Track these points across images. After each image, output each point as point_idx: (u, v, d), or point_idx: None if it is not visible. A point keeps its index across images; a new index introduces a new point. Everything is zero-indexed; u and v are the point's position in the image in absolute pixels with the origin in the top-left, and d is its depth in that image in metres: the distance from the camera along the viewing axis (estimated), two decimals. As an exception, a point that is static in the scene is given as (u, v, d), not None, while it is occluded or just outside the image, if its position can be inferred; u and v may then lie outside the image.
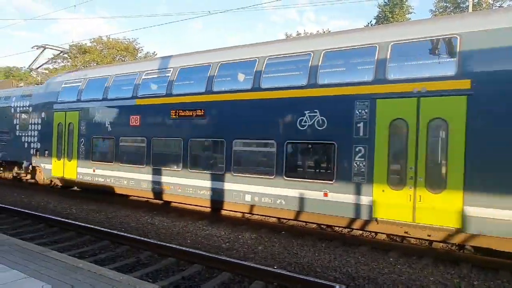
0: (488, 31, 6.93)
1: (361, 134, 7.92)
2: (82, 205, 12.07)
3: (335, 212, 8.24)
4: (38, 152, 14.84)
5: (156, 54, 44.59)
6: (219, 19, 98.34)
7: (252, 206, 9.51)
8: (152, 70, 11.89)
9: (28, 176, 15.98)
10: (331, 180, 8.27)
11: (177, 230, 9.17)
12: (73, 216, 10.51)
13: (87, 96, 13.30)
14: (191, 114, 10.45)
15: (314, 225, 9.52)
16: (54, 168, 14.21)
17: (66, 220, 9.11)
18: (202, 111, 10.24)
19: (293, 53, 9.19)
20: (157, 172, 11.23)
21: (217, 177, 9.94)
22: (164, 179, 11.05)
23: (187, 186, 10.50)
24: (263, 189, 9.16)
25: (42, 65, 18.66)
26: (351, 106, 8.02)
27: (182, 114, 10.61)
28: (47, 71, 36.39)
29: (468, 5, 23.36)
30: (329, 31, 34.40)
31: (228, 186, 9.73)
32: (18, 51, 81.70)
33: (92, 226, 8.55)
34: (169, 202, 11.78)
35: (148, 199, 12.28)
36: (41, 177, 15.13)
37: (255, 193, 9.29)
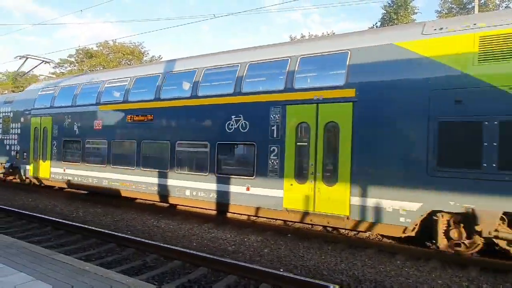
0: (368, 48, 8.28)
1: (275, 135, 9.13)
2: (89, 208, 12.14)
3: (255, 204, 9.47)
4: (18, 154, 16.13)
5: (161, 58, 44.86)
6: (225, 22, 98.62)
7: (190, 200, 10.68)
8: (113, 79, 13.19)
9: (11, 176, 17.26)
10: (252, 176, 9.43)
11: (183, 233, 9.17)
12: (80, 219, 10.57)
13: (59, 102, 14.66)
14: (143, 119, 11.72)
15: (320, 228, 9.48)
16: (31, 168, 15.53)
17: (73, 223, 9.16)
18: (152, 116, 11.49)
19: (225, 65, 10.48)
20: (116, 171, 12.43)
21: (164, 175, 11.14)
22: (122, 177, 12.24)
23: (141, 183, 11.72)
24: (199, 185, 10.34)
25: (26, 73, 20.06)
26: (267, 111, 9.23)
27: (136, 119, 11.89)
28: (54, 76, 36.77)
29: (474, 6, 23.23)
30: (333, 33, 34.37)
31: (172, 182, 10.95)
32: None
33: (98, 229, 8.58)
34: (175, 206, 11.84)
35: (154, 202, 12.32)
36: (22, 177, 16.26)
37: (193, 188, 10.47)
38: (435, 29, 7.73)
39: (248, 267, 6.13)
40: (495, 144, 6.63)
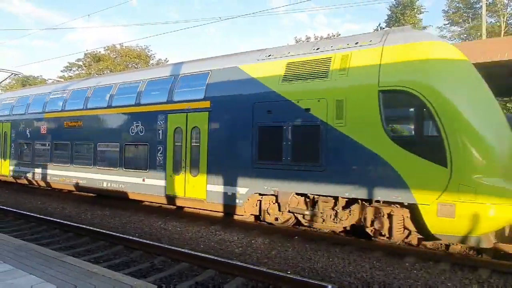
0: (222, 69, 10.59)
1: (160, 138, 11.45)
2: (97, 211, 12.22)
3: (149, 192, 11.76)
4: None
5: (168, 61, 45.12)
6: (231, 24, 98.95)
7: (107, 190, 13.08)
8: (56, 91, 15.92)
9: None
10: (146, 170, 11.77)
11: (190, 235, 9.19)
12: (88, 221, 10.65)
13: (16, 110, 17.36)
14: (75, 124, 14.18)
15: (328, 230, 9.44)
16: None
17: (81, 226, 9.23)
18: (81, 122, 13.95)
19: (131, 81, 13.04)
20: (55, 168, 14.88)
21: (88, 170, 13.54)
22: (59, 173, 14.68)
23: (72, 177, 14.15)
24: (113, 178, 12.76)
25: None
26: (156, 119, 11.57)
27: (70, 124, 14.39)
28: (62, 80, 37.15)
29: (482, 5, 23.01)
30: (339, 35, 34.27)
31: (94, 176, 13.32)
32: (35, 60, 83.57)
33: (107, 232, 8.64)
34: (182, 208, 11.89)
35: (161, 205, 12.38)
36: None
37: (108, 181, 12.88)
38: (265, 56, 9.95)
39: (256, 269, 6.12)
40: (289, 143, 8.94)
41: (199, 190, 10.48)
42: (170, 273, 6.26)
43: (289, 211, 9.12)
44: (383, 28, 33.15)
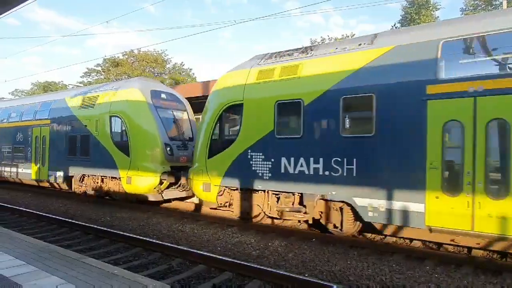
0: (60, 100, 17.08)
1: (28, 142, 17.93)
2: (116, 213, 12.43)
3: (22, 177, 18.62)
4: None
5: (183, 65, 45.62)
6: (246, 28, 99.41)
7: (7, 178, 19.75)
8: None
9: None
10: (25, 162, 18.12)
11: (207, 237, 9.24)
12: (107, 223, 10.83)
13: None
14: None
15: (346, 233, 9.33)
16: None
17: (101, 228, 9.40)
18: None
19: (16, 105, 20.07)
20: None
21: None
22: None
23: None
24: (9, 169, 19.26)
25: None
26: (27, 131, 18.12)
27: None
28: (82, 85, 38.01)
29: (502, 2, 22.41)
30: (353, 35, 33.91)
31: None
32: (57, 67, 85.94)
33: (126, 234, 8.77)
34: (198, 210, 11.96)
35: (178, 207, 12.49)
36: None
37: (9, 171, 19.27)
38: (75, 93, 16.54)
39: (273, 272, 6.10)
40: (78, 144, 15.30)
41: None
42: (188, 275, 6.31)
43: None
44: (397, 28, 32.70)
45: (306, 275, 6.46)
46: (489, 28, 7.16)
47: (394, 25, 34.47)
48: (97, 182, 14.55)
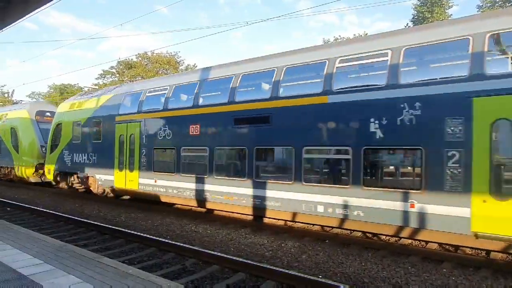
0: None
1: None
2: (131, 213, 12.57)
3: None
4: None
5: (196, 66, 45.90)
6: (258, 28, 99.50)
7: None
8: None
9: None
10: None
11: (221, 238, 9.26)
12: (123, 223, 10.97)
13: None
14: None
15: (360, 233, 9.24)
16: None
17: (116, 228, 9.52)
18: None
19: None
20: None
21: None
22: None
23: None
24: None
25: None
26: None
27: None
28: (97, 87, 38.59)
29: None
30: (366, 34, 33.57)
31: None
32: (73, 69, 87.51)
33: (140, 234, 8.86)
34: (212, 211, 12.01)
35: (192, 208, 12.56)
36: None
37: None
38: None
39: (287, 273, 6.07)
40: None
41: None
42: (202, 276, 6.33)
43: None
44: (410, 27, 32.21)
45: (320, 276, 6.41)
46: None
47: (407, 24, 33.97)
48: (6, 171, 22.59)
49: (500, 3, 32.88)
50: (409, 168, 8.10)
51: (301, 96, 9.16)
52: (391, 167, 8.31)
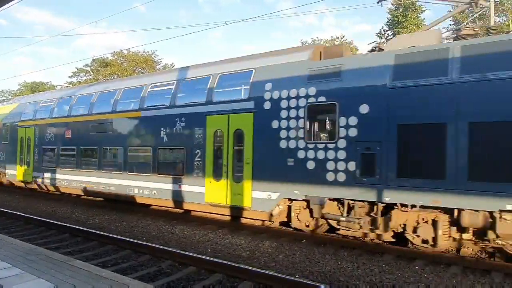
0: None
1: None
2: (105, 215, 12.28)
3: None
4: None
5: (174, 66, 45.38)
6: (238, 28, 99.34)
7: None
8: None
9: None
10: None
11: (197, 238, 9.19)
12: (97, 226, 10.70)
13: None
14: None
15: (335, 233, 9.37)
16: None
17: (89, 230, 9.27)
18: None
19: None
20: None
21: None
22: None
23: None
24: None
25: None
26: None
27: None
28: (70, 85, 37.56)
29: (490, 5, 22.76)
30: (343, 37, 34.14)
31: None
32: (45, 67, 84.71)
33: (114, 236, 8.67)
34: (189, 212, 11.91)
35: (168, 209, 12.41)
36: None
37: None
38: None
39: (264, 273, 6.08)
40: None
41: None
42: (178, 277, 6.25)
43: None
44: (386, 31, 33.01)
45: (297, 276, 6.45)
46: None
47: (382, 28, 34.76)
48: None
49: (469, 9, 34.15)
50: (178, 161, 11.53)
51: (127, 111, 12.99)
52: (171, 161, 11.95)
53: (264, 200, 9.44)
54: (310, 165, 8.77)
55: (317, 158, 8.69)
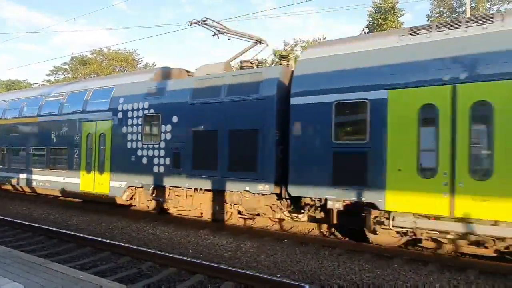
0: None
1: None
2: (83, 216, 12.01)
3: None
4: None
5: (155, 65, 44.84)
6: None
7: None
8: None
9: None
10: None
11: (179, 239, 9.10)
12: (74, 227, 10.45)
13: None
14: None
15: (317, 232, 9.46)
16: None
17: (66, 232, 9.05)
18: None
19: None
20: None
21: None
22: None
23: None
24: None
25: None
26: None
27: None
28: (48, 83, 36.60)
29: (466, 9, 23.47)
30: (325, 38, 34.51)
31: None
32: (21, 64, 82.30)
33: (92, 237, 8.49)
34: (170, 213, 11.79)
35: (149, 210, 12.24)
36: None
37: None
38: None
39: (245, 273, 6.08)
40: None
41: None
42: (158, 279, 6.17)
43: None
44: (367, 33, 33.54)
45: (279, 276, 6.48)
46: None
47: (363, 29, 35.31)
48: None
49: (447, 13, 35.13)
50: (63, 158, 13.73)
51: (30, 116, 15.39)
52: (58, 158, 14.02)
53: (117, 187, 12.05)
54: (144, 160, 11.38)
55: (148, 155, 11.31)
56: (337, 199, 8.16)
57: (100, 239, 8.31)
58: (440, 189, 7.03)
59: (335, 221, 8.42)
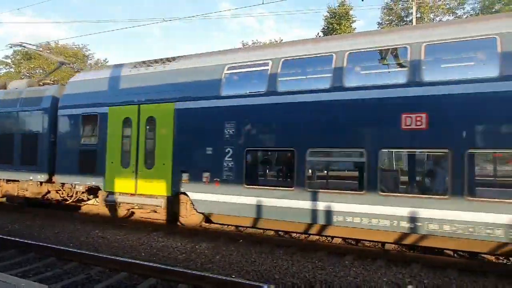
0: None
1: None
2: (26, 221, 11.23)
3: None
4: None
5: (107, 61, 43.10)
6: (176, 26, 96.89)
7: None
8: None
9: None
10: None
11: (131, 243, 8.79)
12: (16, 232, 9.73)
13: None
14: None
15: (272, 232, 9.57)
16: None
17: (5, 237, 8.41)
18: None
19: None
20: None
21: None
22: None
23: None
24: None
25: None
26: None
27: None
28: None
29: (412, 19, 24.93)
30: (281, 40, 35.05)
31: None
32: (-48, 56, 74.93)
33: (35, 242, 7.96)
34: (123, 216, 11.37)
35: (98, 213, 11.73)
36: None
37: None
38: None
39: (200, 275, 6.00)
40: None
41: None
42: (108, 284, 5.92)
43: None
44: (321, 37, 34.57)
45: (233, 276, 6.46)
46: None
47: (318, 34, 36.30)
48: None
49: (396, 21, 37.07)
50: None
51: None
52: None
53: None
54: None
55: None
56: (80, 184, 11.41)
57: (43, 244, 7.82)
58: (132, 175, 10.45)
59: (82, 198, 12.13)
